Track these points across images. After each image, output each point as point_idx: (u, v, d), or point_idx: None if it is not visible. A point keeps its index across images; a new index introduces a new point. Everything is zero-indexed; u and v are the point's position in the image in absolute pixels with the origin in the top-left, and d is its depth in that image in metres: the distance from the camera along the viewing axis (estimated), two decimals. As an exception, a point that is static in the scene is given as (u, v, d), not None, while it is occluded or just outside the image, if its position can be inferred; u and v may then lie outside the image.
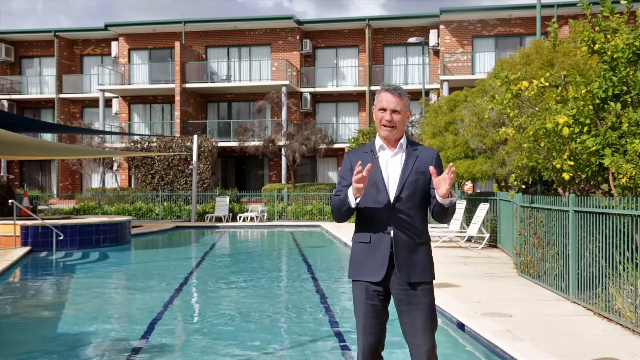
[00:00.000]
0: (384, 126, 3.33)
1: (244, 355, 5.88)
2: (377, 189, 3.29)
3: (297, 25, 31.07)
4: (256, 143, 27.30)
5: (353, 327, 6.65)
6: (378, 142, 3.41)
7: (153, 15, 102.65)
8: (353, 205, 3.27)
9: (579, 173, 7.13)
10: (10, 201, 15.01)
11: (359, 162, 3.23)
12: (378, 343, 3.35)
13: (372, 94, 30.84)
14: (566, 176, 7.04)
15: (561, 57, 9.05)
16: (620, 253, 6.20)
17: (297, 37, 31.40)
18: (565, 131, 6.74)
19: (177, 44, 29.98)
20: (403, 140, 3.39)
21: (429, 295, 3.34)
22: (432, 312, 3.34)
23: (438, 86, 29.52)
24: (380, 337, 3.35)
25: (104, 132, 24.17)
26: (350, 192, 3.25)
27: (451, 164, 3.21)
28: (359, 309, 3.34)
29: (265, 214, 23.89)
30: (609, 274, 6.43)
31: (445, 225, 15.22)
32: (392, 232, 3.27)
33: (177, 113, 30.03)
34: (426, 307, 3.30)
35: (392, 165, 3.35)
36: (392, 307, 3.39)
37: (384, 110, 3.33)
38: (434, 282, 3.43)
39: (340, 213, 3.36)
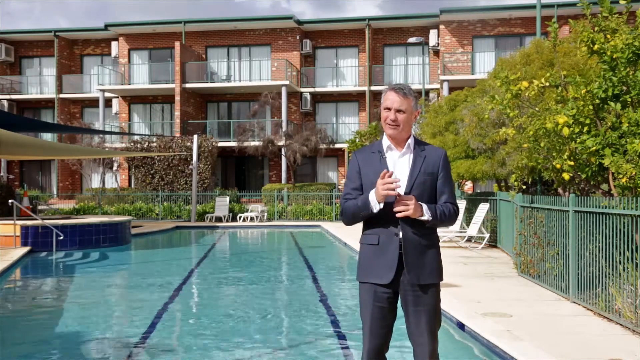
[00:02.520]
0: (389, 125, 3.31)
1: (244, 355, 5.88)
2: None
3: (297, 25, 31.07)
4: (256, 143, 27.30)
5: (353, 326, 6.68)
6: (385, 142, 3.38)
7: (150, 16, 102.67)
8: (376, 210, 3.22)
9: (579, 173, 7.13)
10: (10, 201, 15.01)
11: (387, 170, 3.19)
12: (383, 344, 3.34)
13: (372, 94, 30.85)
14: (566, 176, 7.04)
15: (561, 57, 9.05)
16: (620, 253, 6.20)
17: (297, 37, 31.40)
18: (565, 131, 6.74)
19: (177, 44, 29.98)
20: (411, 141, 3.36)
21: (436, 296, 3.34)
22: (438, 312, 3.35)
23: (438, 86, 29.51)
24: (386, 338, 3.34)
25: (104, 132, 24.19)
26: (373, 197, 3.20)
27: (408, 196, 3.19)
28: (366, 311, 3.31)
29: (265, 214, 23.89)
30: (609, 274, 6.43)
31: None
32: (400, 233, 3.24)
33: (177, 113, 30.04)
34: (432, 308, 3.31)
35: (400, 166, 3.32)
36: (398, 307, 3.38)
37: (389, 109, 3.30)
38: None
39: (357, 218, 3.32)
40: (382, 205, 3.20)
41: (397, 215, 3.16)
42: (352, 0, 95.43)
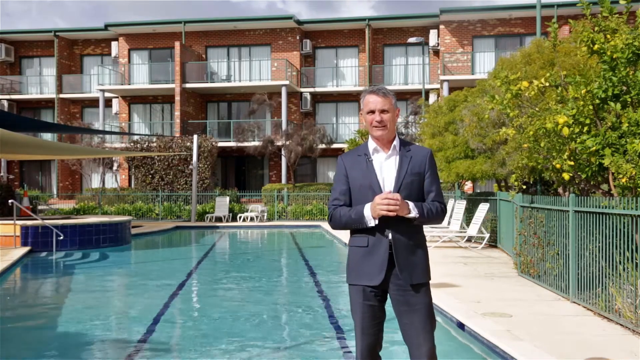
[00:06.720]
0: (376, 127, 3.34)
1: (243, 356, 5.88)
2: (373, 192, 3.29)
3: (297, 25, 31.07)
4: (255, 143, 27.30)
5: (352, 326, 6.67)
6: (371, 144, 3.41)
7: (145, 16, 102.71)
8: (370, 225, 3.27)
9: (579, 173, 7.13)
10: (10, 201, 15.00)
11: (389, 190, 3.25)
12: (376, 343, 3.37)
13: (372, 94, 30.78)
14: (566, 176, 7.04)
15: (562, 57, 9.05)
16: (620, 253, 6.20)
17: (297, 37, 31.40)
18: (565, 131, 6.74)
19: (177, 44, 29.97)
20: (396, 142, 3.40)
21: (427, 295, 3.35)
22: (431, 312, 3.35)
23: (438, 86, 29.51)
24: (378, 337, 3.36)
25: (104, 132, 24.17)
26: (368, 212, 3.24)
27: (393, 194, 3.19)
28: (357, 311, 3.35)
29: (265, 214, 23.89)
30: (609, 274, 6.43)
31: (445, 225, 15.22)
32: (390, 235, 3.27)
33: (177, 113, 30.04)
34: (425, 308, 3.31)
35: (386, 167, 3.36)
36: (388, 306, 3.40)
37: (373, 112, 3.34)
38: (431, 281, 3.45)
39: (348, 228, 3.37)
40: (377, 221, 3.24)
41: (383, 212, 3.18)
42: (347, 1, 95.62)
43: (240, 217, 23.35)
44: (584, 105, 6.70)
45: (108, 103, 32.52)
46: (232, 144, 29.55)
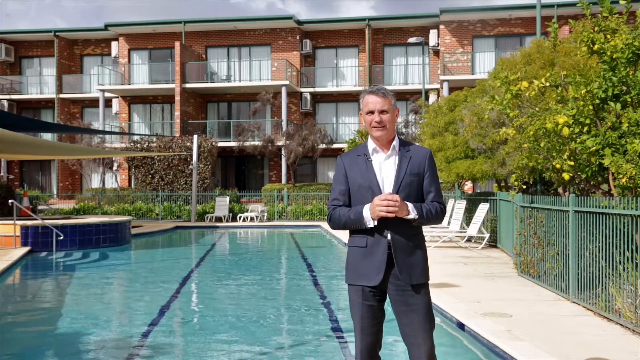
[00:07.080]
0: (375, 127, 3.34)
1: (243, 356, 5.88)
2: (372, 192, 3.30)
3: (297, 25, 31.07)
4: (256, 143, 27.31)
5: (352, 326, 6.67)
6: (371, 145, 3.41)
7: (144, 16, 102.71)
8: (369, 226, 3.27)
9: (579, 173, 7.13)
10: (10, 201, 15.00)
11: (389, 192, 3.24)
12: (376, 343, 3.37)
13: (372, 94, 30.77)
14: (566, 176, 7.04)
15: (562, 57, 9.06)
16: (620, 253, 6.20)
17: (297, 37, 31.40)
18: (565, 131, 6.74)
19: (177, 44, 29.98)
20: (395, 142, 3.40)
21: (426, 295, 3.36)
22: (430, 312, 3.35)
23: (438, 86, 29.52)
24: (377, 336, 3.37)
25: (104, 132, 24.16)
26: (367, 214, 3.24)
27: (393, 195, 3.18)
28: (356, 311, 3.36)
29: (265, 214, 23.89)
30: (609, 274, 6.43)
31: (445, 225, 15.22)
32: (389, 235, 3.27)
33: (177, 113, 30.04)
34: (424, 307, 3.31)
35: (386, 168, 3.36)
36: (387, 306, 3.40)
37: (372, 112, 3.34)
38: (430, 281, 3.45)
39: (347, 228, 3.37)
40: (376, 222, 3.24)
41: (383, 214, 3.18)
42: (347, 1, 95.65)
43: (240, 217, 23.35)
44: (584, 105, 6.70)
45: (108, 103, 32.52)
46: (232, 144, 29.54)
